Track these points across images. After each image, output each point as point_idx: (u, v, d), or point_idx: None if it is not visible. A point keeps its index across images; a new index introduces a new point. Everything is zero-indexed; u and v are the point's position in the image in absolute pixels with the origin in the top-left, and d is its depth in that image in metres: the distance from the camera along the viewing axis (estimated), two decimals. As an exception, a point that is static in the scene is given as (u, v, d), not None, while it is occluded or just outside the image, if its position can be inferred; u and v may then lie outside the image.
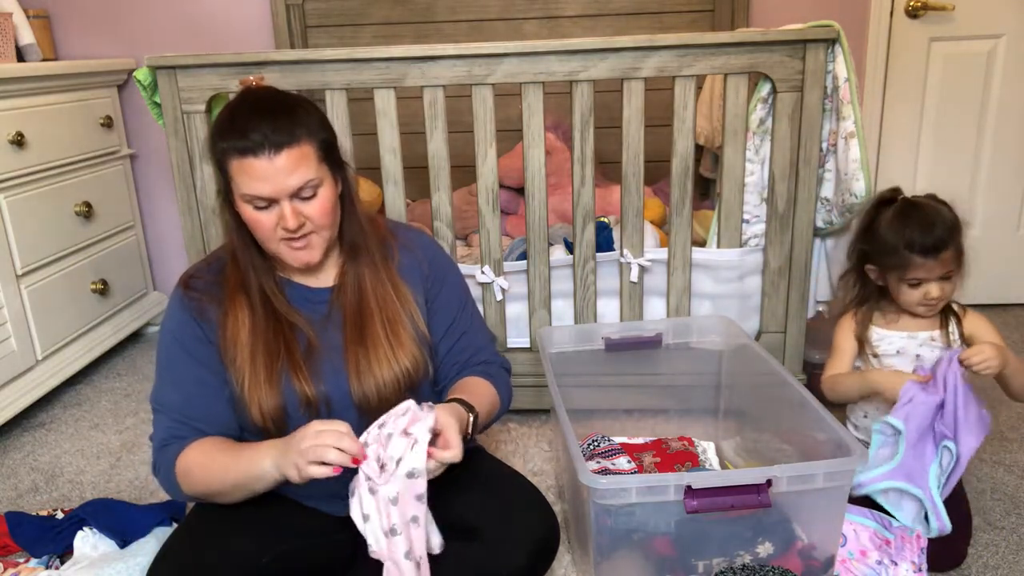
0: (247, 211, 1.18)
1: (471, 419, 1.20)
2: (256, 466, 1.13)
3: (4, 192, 2.05)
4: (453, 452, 1.09)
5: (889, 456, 1.40)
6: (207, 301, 1.25)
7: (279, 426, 1.21)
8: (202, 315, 1.24)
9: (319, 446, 1.04)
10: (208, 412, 1.22)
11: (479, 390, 1.30)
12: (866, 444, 1.54)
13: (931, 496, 1.37)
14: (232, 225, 1.25)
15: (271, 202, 1.16)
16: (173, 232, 2.83)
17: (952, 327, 1.50)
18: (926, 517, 1.39)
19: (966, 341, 1.49)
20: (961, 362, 1.36)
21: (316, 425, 1.08)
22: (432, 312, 1.35)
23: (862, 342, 1.54)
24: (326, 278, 1.30)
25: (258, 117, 1.14)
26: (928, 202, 1.47)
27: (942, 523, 1.37)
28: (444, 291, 1.37)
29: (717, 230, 1.85)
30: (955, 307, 1.52)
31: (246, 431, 1.26)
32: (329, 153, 1.21)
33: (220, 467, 1.17)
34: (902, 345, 1.51)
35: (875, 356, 1.53)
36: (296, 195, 1.16)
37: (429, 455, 1.06)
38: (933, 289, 1.44)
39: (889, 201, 1.50)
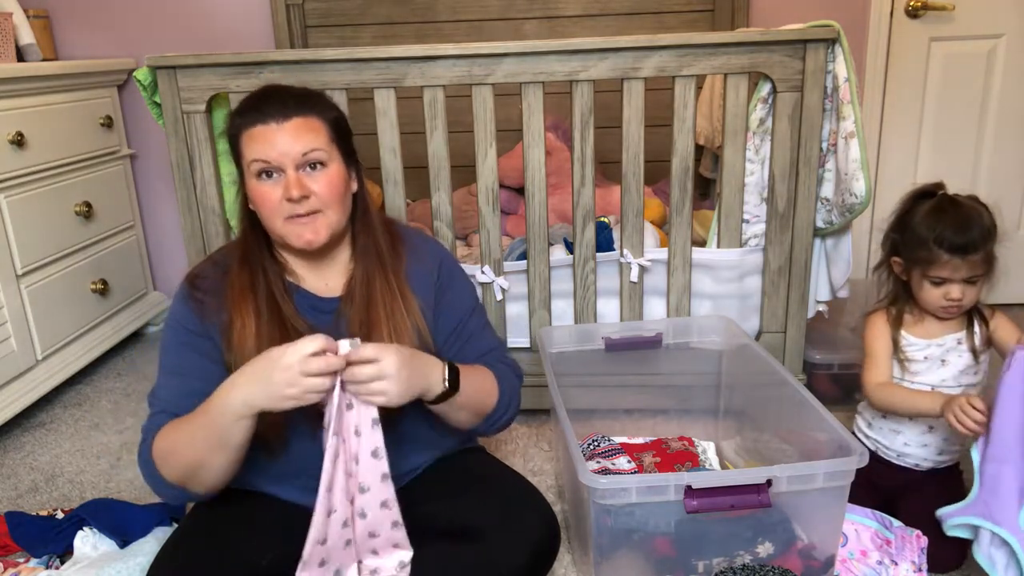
0: (255, 188, 1.19)
1: (444, 369, 1.18)
2: (225, 411, 1.06)
3: (4, 192, 2.05)
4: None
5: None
6: (212, 304, 1.22)
7: (279, 437, 1.19)
8: (206, 316, 1.22)
9: (307, 363, 1.01)
10: (204, 397, 1.17)
11: (472, 366, 1.27)
12: (881, 445, 1.53)
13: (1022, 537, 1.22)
14: (246, 223, 1.26)
15: (277, 171, 1.17)
16: (173, 232, 2.83)
17: (977, 328, 1.46)
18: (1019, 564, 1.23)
19: (993, 343, 1.46)
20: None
21: (301, 350, 1.02)
22: (438, 313, 1.33)
23: (896, 345, 1.49)
24: (335, 287, 1.28)
25: (270, 93, 1.21)
26: (968, 202, 1.42)
27: None
28: (451, 292, 1.35)
29: (717, 230, 1.85)
30: (982, 309, 1.48)
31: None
32: (341, 137, 1.23)
33: (188, 433, 1.11)
34: (929, 352, 1.47)
35: (903, 360, 1.48)
36: (303, 166, 1.17)
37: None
38: (954, 290, 1.40)
39: (929, 194, 1.46)
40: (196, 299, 1.23)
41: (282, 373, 1.02)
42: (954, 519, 1.30)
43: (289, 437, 1.21)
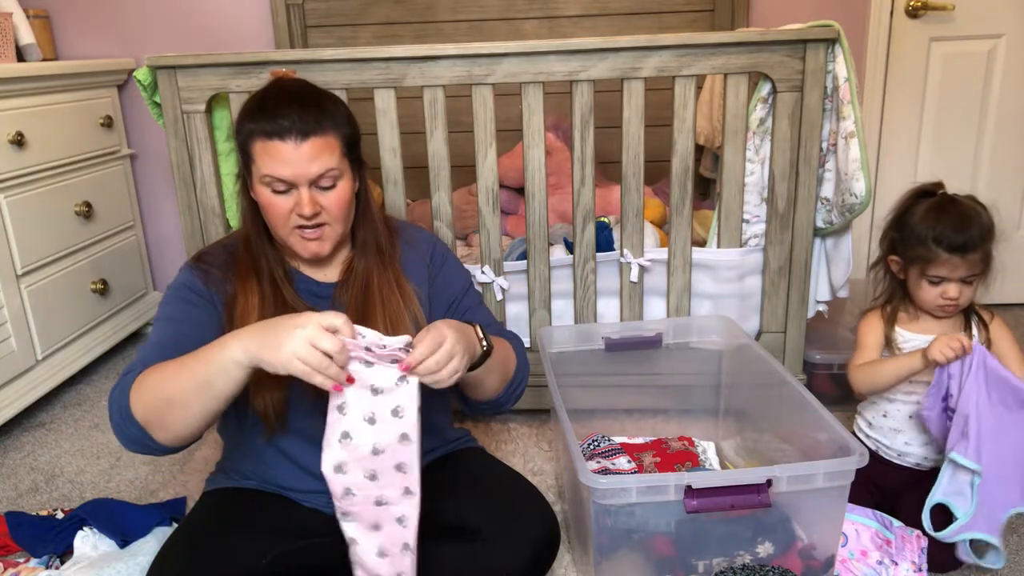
0: (264, 194, 1.19)
1: (477, 329, 1.18)
2: (221, 356, 1.02)
3: (4, 192, 2.05)
4: (424, 360, 1.03)
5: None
6: (218, 275, 1.25)
7: (279, 416, 1.21)
8: (211, 284, 1.24)
9: (313, 354, 0.97)
10: (194, 346, 1.11)
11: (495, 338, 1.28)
12: (882, 444, 1.53)
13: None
14: (247, 211, 1.27)
15: (290, 187, 1.17)
16: (173, 232, 2.83)
17: (976, 331, 1.46)
18: None
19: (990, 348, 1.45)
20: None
21: (317, 319, 0.98)
22: (432, 295, 1.36)
23: (889, 341, 1.49)
24: (332, 273, 1.31)
25: (288, 103, 1.17)
26: (967, 201, 1.43)
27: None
28: (444, 272, 1.39)
29: (717, 230, 1.85)
30: (982, 312, 1.48)
31: (244, 417, 1.26)
32: (352, 148, 1.23)
33: (175, 367, 1.06)
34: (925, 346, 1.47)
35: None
36: (315, 183, 1.18)
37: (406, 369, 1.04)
38: (951, 289, 1.41)
39: (928, 194, 1.46)
40: (202, 269, 1.26)
41: (290, 331, 0.97)
42: (962, 535, 1.33)
43: (290, 420, 1.22)
